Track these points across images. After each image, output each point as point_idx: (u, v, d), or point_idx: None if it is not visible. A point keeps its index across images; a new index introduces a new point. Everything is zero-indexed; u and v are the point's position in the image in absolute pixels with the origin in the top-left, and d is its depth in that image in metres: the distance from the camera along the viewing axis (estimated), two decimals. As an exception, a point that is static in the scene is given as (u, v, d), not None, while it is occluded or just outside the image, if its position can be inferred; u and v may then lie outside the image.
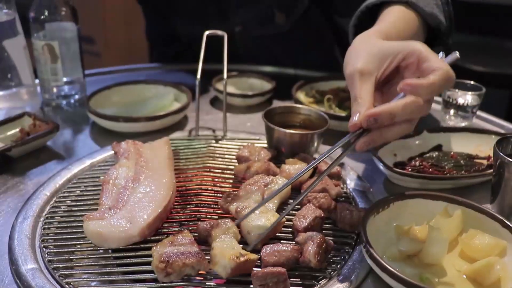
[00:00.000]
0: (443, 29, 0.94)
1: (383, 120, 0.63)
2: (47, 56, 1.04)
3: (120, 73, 1.30)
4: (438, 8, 0.95)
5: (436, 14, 0.92)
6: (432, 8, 0.93)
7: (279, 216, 0.66)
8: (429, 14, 0.91)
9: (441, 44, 0.97)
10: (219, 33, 0.98)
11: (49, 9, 1.03)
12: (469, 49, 2.80)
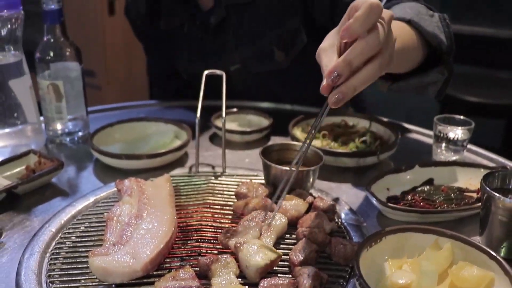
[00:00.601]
0: (444, 48, 0.98)
1: (342, 69, 0.64)
2: (52, 95, 1.08)
3: (121, 109, 1.33)
4: (439, 29, 1.00)
5: (437, 34, 0.97)
6: (433, 28, 0.98)
7: (276, 251, 0.70)
8: (430, 33, 0.96)
9: (443, 63, 1.01)
10: (218, 72, 1.02)
11: (55, 50, 1.07)
12: (463, 80, 2.85)
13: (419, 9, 1.01)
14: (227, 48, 1.29)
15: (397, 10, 1.00)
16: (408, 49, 0.90)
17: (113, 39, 3.57)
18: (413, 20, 0.94)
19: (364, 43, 0.64)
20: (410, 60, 0.95)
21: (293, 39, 1.26)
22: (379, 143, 1.08)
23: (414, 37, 0.94)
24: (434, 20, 1.01)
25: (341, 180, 0.99)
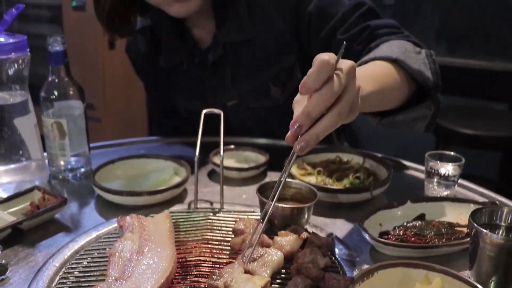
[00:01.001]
0: (430, 84, 1.03)
1: (303, 120, 0.70)
2: (56, 133, 1.12)
3: (122, 146, 1.37)
4: (425, 66, 1.04)
5: (422, 70, 1.02)
6: (419, 65, 1.02)
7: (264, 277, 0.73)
8: (416, 70, 1.01)
9: (430, 98, 1.05)
10: (216, 111, 1.06)
11: (59, 90, 1.11)
12: (457, 112, 2.87)
13: (406, 47, 1.05)
14: (225, 85, 1.33)
15: (385, 48, 1.05)
16: (389, 88, 0.95)
17: (112, 72, 3.63)
18: (399, 59, 1.00)
19: (319, 96, 0.69)
20: (394, 98, 1.00)
21: (289, 75, 1.31)
22: (372, 179, 1.12)
23: (397, 76, 0.99)
24: (420, 57, 1.06)
25: (335, 215, 1.02)
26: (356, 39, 1.17)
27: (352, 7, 1.20)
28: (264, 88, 1.31)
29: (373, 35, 1.15)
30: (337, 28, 1.19)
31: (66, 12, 3.78)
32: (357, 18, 1.18)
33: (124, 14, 1.24)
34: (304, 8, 1.23)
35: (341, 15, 1.19)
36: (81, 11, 3.63)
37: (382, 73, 0.97)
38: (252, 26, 1.27)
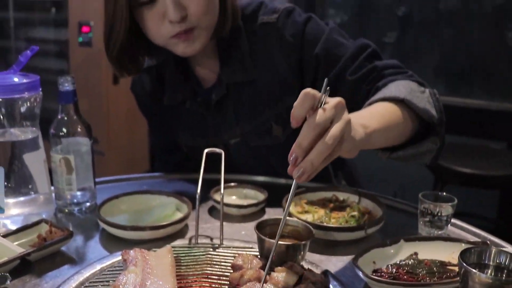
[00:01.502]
0: (435, 121, 1.10)
1: (297, 151, 0.79)
2: (63, 168, 1.16)
3: (126, 181, 1.42)
4: (429, 104, 1.12)
5: (428, 109, 1.09)
6: (424, 104, 1.10)
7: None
8: (422, 109, 1.08)
9: (435, 134, 1.13)
10: (217, 150, 1.10)
11: (67, 127, 1.16)
12: (456, 151, 2.90)
13: (412, 87, 1.13)
14: (228, 124, 1.38)
15: (393, 88, 1.12)
16: (394, 125, 1.04)
17: (116, 106, 3.69)
18: (406, 98, 1.08)
19: (306, 126, 0.79)
20: (399, 134, 1.08)
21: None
22: (367, 217, 1.16)
23: (403, 114, 1.07)
24: (425, 95, 1.14)
25: (331, 252, 1.06)
26: (364, 80, 1.23)
27: (357, 49, 1.26)
28: (266, 127, 1.36)
29: (380, 75, 1.22)
30: (346, 69, 1.26)
31: (73, 47, 3.86)
32: (363, 60, 1.25)
33: (132, 54, 1.29)
34: (310, 51, 1.29)
35: (348, 56, 1.26)
36: (88, 46, 3.71)
37: (388, 111, 1.05)
38: (255, 67, 1.32)
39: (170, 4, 1.14)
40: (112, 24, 1.19)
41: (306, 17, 1.31)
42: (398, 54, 3.84)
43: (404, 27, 3.82)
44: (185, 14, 1.16)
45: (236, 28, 1.32)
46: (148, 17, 1.18)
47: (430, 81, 1.26)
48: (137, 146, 3.91)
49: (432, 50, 3.73)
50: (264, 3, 1.35)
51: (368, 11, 3.96)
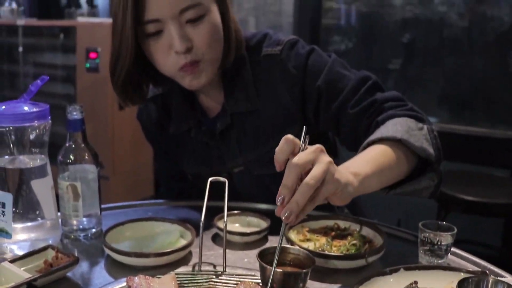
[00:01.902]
0: (432, 159, 1.12)
1: (283, 192, 0.87)
2: (70, 195, 1.19)
3: (131, 208, 1.44)
4: (427, 141, 1.14)
5: (425, 147, 1.12)
6: (422, 142, 1.12)
7: None
8: (419, 148, 1.11)
9: (433, 170, 1.15)
10: (221, 179, 1.12)
11: (75, 155, 1.19)
12: (459, 178, 2.91)
13: (409, 125, 1.15)
14: (231, 153, 1.40)
15: (390, 127, 1.14)
16: (388, 168, 1.07)
17: (121, 132, 3.74)
18: (403, 138, 1.10)
19: (287, 168, 0.87)
20: (394, 175, 1.10)
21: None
22: (368, 246, 1.18)
23: (396, 156, 1.10)
24: (423, 133, 1.15)
25: (332, 280, 1.07)
26: (365, 113, 1.26)
27: (358, 81, 1.29)
28: (269, 156, 1.38)
29: (380, 109, 1.24)
30: (347, 102, 1.28)
31: (80, 72, 3.92)
32: (364, 92, 1.28)
33: (137, 83, 1.33)
34: (312, 83, 1.32)
35: (349, 89, 1.29)
36: (95, 72, 3.76)
37: (382, 154, 1.08)
38: (259, 97, 1.35)
39: (176, 35, 1.18)
40: (118, 54, 1.23)
41: (309, 49, 1.34)
42: (402, 81, 3.87)
43: (409, 54, 3.87)
44: (190, 46, 1.20)
45: (240, 59, 1.35)
46: (155, 48, 1.22)
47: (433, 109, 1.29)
48: (141, 171, 3.94)
49: (436, 77, 3.77)
50: (269, 35, 1.39)
51: (373, 38, 4.01)
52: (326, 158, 0.88)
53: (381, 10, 3.91)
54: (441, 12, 3.66)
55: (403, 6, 3.80)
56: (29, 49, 4.45)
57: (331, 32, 4.10)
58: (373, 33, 4.01)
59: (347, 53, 4.08)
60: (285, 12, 4.16)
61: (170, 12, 1.17)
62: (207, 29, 1.21)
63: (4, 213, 1.12)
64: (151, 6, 1.17)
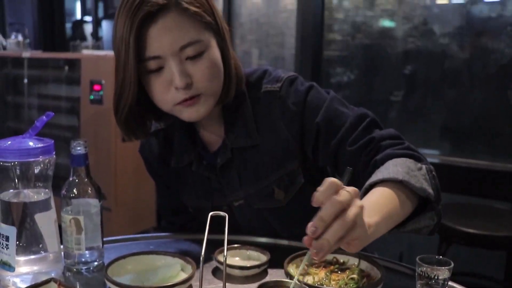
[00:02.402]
0: (432, 199, 1.14)
1: (318, 224, 0.86)
2: (73, 228, 1.21)
3: (133, 241, 1.46)
4: (426, 182, 1.15)
5: (425, 188, 1.13)
6: (421, 183, 1.13)
7: None
8: (419, 188, 1.12)
9: (432, 209, 1.16)
10: (222, 214, 1.14)
11: (78, 189, 1.21)
12: (461, 211, 2.92)
13: (409, 165, 1.17)
14: (232, 187, 1.43)
15: (391, 168, 1.16)
16: (395, 214, 1.08)
17: (124, 163, 3.77)
18: (404, 180, 1.11)
19: (329, 203, 0.87)
20: (399, 219, 1.11)
21: (292, 180, 1.41)
22: (365, 280, 1.19)
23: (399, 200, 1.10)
24: (422, 173, 1.17)
25: (330, 314, 1.09)
26: (363, 150, 1.28)
27: (356, 119, 1.32)
28: (268, 190, 1.41)
29: (377, 147, 1.27)
30: (345, 139, 1.31)
31: (84, 104, 3.96)
32: (362, 130, 1.30)
33: (140, 119, 1.36)
34: (311, 120, 1.35)
35: (348, 126, 1.31)
36: (98, 104, 3.81)
37: (388, 200, 1.09)
38: (259, 133, 1.39)
39: (176, 72, 1.22)
40: (121, 90, 1.26)
41: (308, 86, 1.38)
42: (404, 113, 3.90)
43: (410, 86, 3.91)
44: (190, 81, 1.23)
45: (240, 94, 1.39)
46: (155, 84, 1.25)
47: (435, 141, 1.31)
48: (143, 202, 3.96)
49: (438, 109, 3.80)
50: (268, 71, 1.43)
51: (375, 69, 4.06)
52: (359, 202, 0.90)
53: (383, 42, 3.97)
54: (442, 44, 3.71)
55: (405, 38, 3.85)
56: (34, 80, 4.51)
57: (333, 63, 4.15)
58: (375, 64, 4.06)
59: (349, 85, 4.13)
60: (288, 44, 4.22)
61: (171, 49, 1.21)
62: (206, 65, 1.25)
63: (7, 246, 1.14)
64: (152, 43, 1.21)
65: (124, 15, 1.20)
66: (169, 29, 1.20)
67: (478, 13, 3.59)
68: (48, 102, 4.37)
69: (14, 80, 4.71)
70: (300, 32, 3.89)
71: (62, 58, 4.22)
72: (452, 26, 3.68)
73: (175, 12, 1.21)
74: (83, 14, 7.26)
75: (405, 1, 3.86)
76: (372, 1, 4.00)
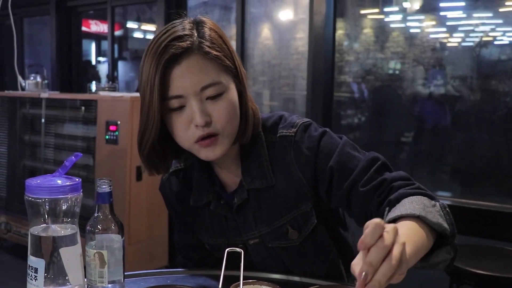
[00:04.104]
0: (448, 233, 1.19)
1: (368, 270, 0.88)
2: (97, 262, 1.27)
3: (151, 276, 1.52)
4: (441, 218, 1.21)
5: (441, 223, 1.18)
6: (437, 218, 1.18)
7: None
8: (436, 223, 1.17)
9: (448, 244, 1.21)
10: (238, 250, 1.21)
11: (102, 225, 1.28)
12: (471, 252, 2.94)
13: (424, 202, 1.22)
14: (247, 226, 1.50)
15: (407, 205, 1.21)
16: (422, 246, 1.12)
17: (138, 202, 3.83)
18: (422, 215, 1.16)
19: (376, 248, 0.89)
20: (425, 247, 1.15)
21: (305, 220, 1.48)
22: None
23: (424, 233, 1.15)
24: (436, 209, 1.22)
25: None
26: (375, 191, 1.34)
27: (368, 162, 1.39)
28: (283, 230, 1.48)
29: (389, 187, 1.33)
30: (358, 181, 1.37)
31: (99, 144, 4.05)
32: (374, 172, 1.37)
33: (162, 155, 1.44)
34: (324, 164, 1.42)
35: (360, 169, 1.38)
36: (113, 144, 3.89)
37: (414, 232, 1.14)
38: (273, 175, 1.46)
39: (197, 110, 1.31)
40: (145, 126, 1.35)
41: (321, 132, 1.46)
42: (414, 154, 3.94)
43: (420, 127, 3.95)
44: (209, 120, 1.32)
45: (257, 137, 1.47)
46: (177, 122, 1.34)
47: (445, 183, 1.36)
48: (156, 241, 4.01)
49: (447, 151, 3.84)
50: (284, 117, 1.51)
51: (385, 111, 4.11)
52: (402, 239, 0.93)
53: (392, 84, 4.04)
54: (452, 86, 3.76)
55: (415, 80, 3.92)
56: (51, 120, 4.61)
57: (344, 105, 4.22)
58: (384, 107, 4.12)
59: (360, 126, 4.19)
60: (299, 85, 4.31)
61: (193, 89, 1.31)
62: (225, 105, 1.34)
63: (36, 278, 1.21)
64: (175, 83, 1.30)
65: (150, 57, 1.30)
66: (191, 70, 1.30)
67: (488, 56, 3.65)
68: (64, 141, 4.47)
69: (31, 120, 4.83)
70: (311, 74, 3.99)
71: (79, 98, 4.33)
72: (462, 68, 3.74)
73: (197, 55, 1.30)
74: (97, 55, 7.46)
75: (415, 43, 3.94)
76: (382, 43, 4.08)
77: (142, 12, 6.77)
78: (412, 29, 4.05)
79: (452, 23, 3.88)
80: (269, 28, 4.62)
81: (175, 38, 1.30)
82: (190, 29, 1.33)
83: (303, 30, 4.31)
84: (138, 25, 6.83)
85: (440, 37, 3.90)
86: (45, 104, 4.61)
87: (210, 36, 1.33)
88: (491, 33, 3.67)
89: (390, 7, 4.25)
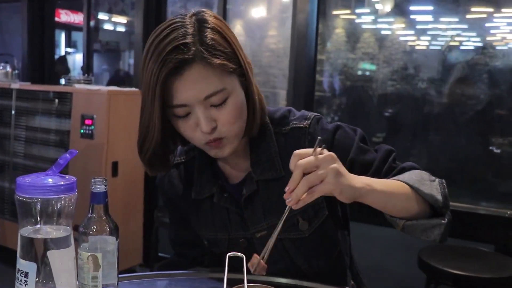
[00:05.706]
0: (440, 204, 1.28)
1: (290, 184, 1.17)
2: (90, 265, 1.22)
3: (147, 278, 1.47)
4: (436, 190, 1.30)
5: (433, 194, 1.28)
6: (431, 190, 1.29)
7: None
8: (427, 194, 1.27)
9: (440, 215, 1.29)
10: (239, 255, 1.17)
11: (96, 226, 1.23)
12: (447, 252, 2.99)
13: (423, 176, 1.34)
14: (256, 218, 1.47)
15: (406, 175, 1.33)
16: (396, 195, 1.26)
17: (114, 198, 3.74)
18: (414, 186, 1.27)
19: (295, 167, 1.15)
20: (403, 204, 1.27)
21: (316, 211, 1.47)
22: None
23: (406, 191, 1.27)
24: (434, 184, 1.32)
25: None
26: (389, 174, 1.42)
27: (386, 152, 1.46)
28: (293, 221, 1.46)
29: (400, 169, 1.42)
30: (378, 171, 1.42)
31: (73, 138, 3.95)
32: (392, 162, 1.44)
33: (163, 156, 1.42)
34: (343, 157, 1.38)
35: (379, 160, 1.44)
36: (89, 138, 3.80)
37: (394, 184, 1.27)
38: (283, 166, 1.44)
39: (202, 118, 1.28)
40: (146, 133, 1.32)
41: (335, 126, 1.48)
42: (385, 154, 3.95)
43: (392, 128, 3.98)
44: (215, 125, 1.30)
45: (265, 129, 1.46)
46: (184, 126, 1.33)
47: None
48: (131, 238, 3.93)
49: (419, 152, 3.87)
50: (292, 111, 1.51)
51: (357, 111, 4.13)
52: (330, 165, 1.13)
53: (364, 85, 4.05)
54: (422, 88, 3.80)
55: (385, 81, 3.94)
56: (22, 112, 4.48)
57: (317, 104, 4.21)
58: (356, 106, 4.14)
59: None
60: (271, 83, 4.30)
61: (196, 99, 1.28)
62: (230, 110, 1.31)
63: (27, 282, 1.14)
64: (178, 93, 1.27)
65: (151, 63, 1.25)
66: (194, 81, 1.26)
67: (454, 60, 3.70)
68: (36, 134, 4.35)
69: (0, 111, 4.68)
70: (293, 72, 3.96)
71: (53, 90, 4.21)
72: (431, 71, 3.79)
73: (199, 65, 1.26)
74: (67, 46, 7.32)
75: (385, 45, 3.96)
76: (353, 44, 4.10)
77: (115, 4, 6.65)
78: (383, 31, 4.08)
79: (421, 27, 3.92)
80: (242, 25, 4.59)
81: (175, 48, 1.25)
82: (192, 34, 1.27)
83: (275, 27, 4.31)
84: (109, 17, 6.70)
85: (409, 40, 3.97)
86: (15, 95, 4.47)
87: (212, 40, 1.28)
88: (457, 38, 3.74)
89: (362, 8, 4.26)
